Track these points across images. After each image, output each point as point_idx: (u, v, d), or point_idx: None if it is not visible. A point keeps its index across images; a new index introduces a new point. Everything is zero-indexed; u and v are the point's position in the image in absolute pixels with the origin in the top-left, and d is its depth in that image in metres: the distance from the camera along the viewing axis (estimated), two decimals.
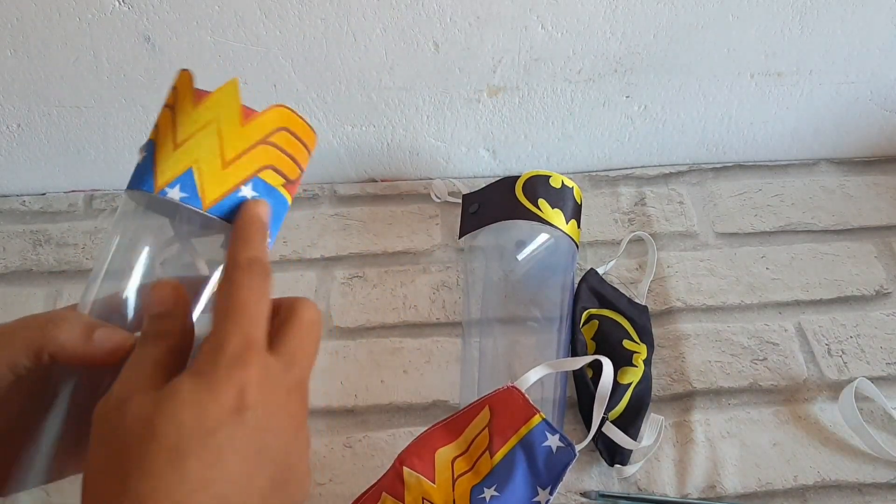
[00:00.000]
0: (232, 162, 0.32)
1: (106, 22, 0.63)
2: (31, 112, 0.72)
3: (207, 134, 0.31)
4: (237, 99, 0.32)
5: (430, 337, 0.68)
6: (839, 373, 0.66)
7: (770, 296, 0.71)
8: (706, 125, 0.80)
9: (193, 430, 0.26)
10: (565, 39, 0.68)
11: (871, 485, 0.59)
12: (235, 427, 0.27)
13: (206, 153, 0.31)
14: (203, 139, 0.31)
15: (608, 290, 0.69)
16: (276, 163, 0.33)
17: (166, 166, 0.31)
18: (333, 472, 0.60)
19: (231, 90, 0.32)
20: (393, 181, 0.82)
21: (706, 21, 0.68)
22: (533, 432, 0.55)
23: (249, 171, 0.32)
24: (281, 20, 0.64)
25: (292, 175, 0.34)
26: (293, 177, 0.34)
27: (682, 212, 0.79)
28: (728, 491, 0.59)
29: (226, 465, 0.26)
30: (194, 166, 0.31)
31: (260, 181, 0.32)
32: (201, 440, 0.26)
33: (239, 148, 0.32)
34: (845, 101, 0.78)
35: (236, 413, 0.27)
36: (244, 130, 0.32)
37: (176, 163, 0.31)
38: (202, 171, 0.31)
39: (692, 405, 0.64)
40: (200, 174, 0.31)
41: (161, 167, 0.31)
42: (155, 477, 0.25)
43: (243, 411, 0.27)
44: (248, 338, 0.28)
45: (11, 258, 0.74)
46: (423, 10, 0.64)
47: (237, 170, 0.32)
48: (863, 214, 0.78)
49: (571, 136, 0.79)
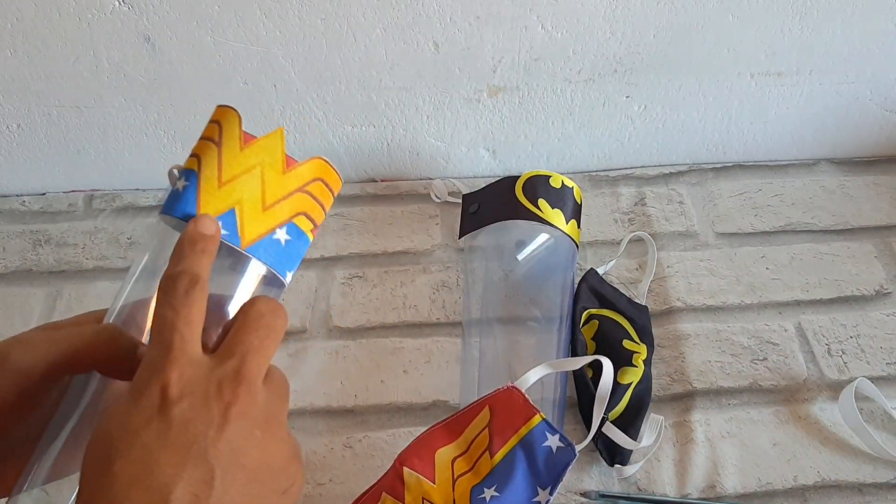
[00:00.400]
0: (271, 206, 0.34)
1: (106, 22, 0.63)
2: (31, 112, 0.72)
3: (251, 177, 0.34)
4: (282, 147, 0.35)
5: (430, 337, 0.68)
6: (839, 373, 0.66)
7: (770, 296, 0.71)
8: (706, 125, 0.80)
9: (120, 436, 0.28)
10: (565, 39, 0.68)
11: (871, 485, 0.59)
12: (161, 423, 0.28)
13: (249, 196, 0.34)
14: (247, 182, 0.34)
15: (608, 290, 0.69)
16: (308, 210, 0.36)
17: (210, 202, 0.34)
18: (333, 472, 0.60)
19: (277, 138, 0.35)
20: (393, 181, 0.82)
21: (706, 21, 0.68)
22: (533, 432, 0.55)
23: (286, 216, 0.35)
24: (281, 20, 0.64)
25: (319, 220, 0.37)
26: (319, 221, 0.37)
27: (682, 212, 0.79)
28: (728, 491, 0.59)
29: (158, 458, 0.28)
30: (237, 207, 0.34)
31: (293, 226, 0.35)
32: (128, 442, 0.28)
33: (279, 194, 0.35)
34: (845, 101, 0.78)
35: (160, 411, 0.28)
36: (285, 178, 0.35)
37: (220, 201, 0.34)
38: (244, 211, 0.34)
39: (692, 405, 0.64)
40: (242, 215, 0.34)
41: (204, 202, 0.34)
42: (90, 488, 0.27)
43: (167, 408, 0.28)
44: (166, 345, 0.30)
45: (11, 258, 0.74)
46: (423, 10, 0.64)
47: (275, 214, 0.35)
48: (863, 214, 0.78)
49: (571, 136, 0.79)
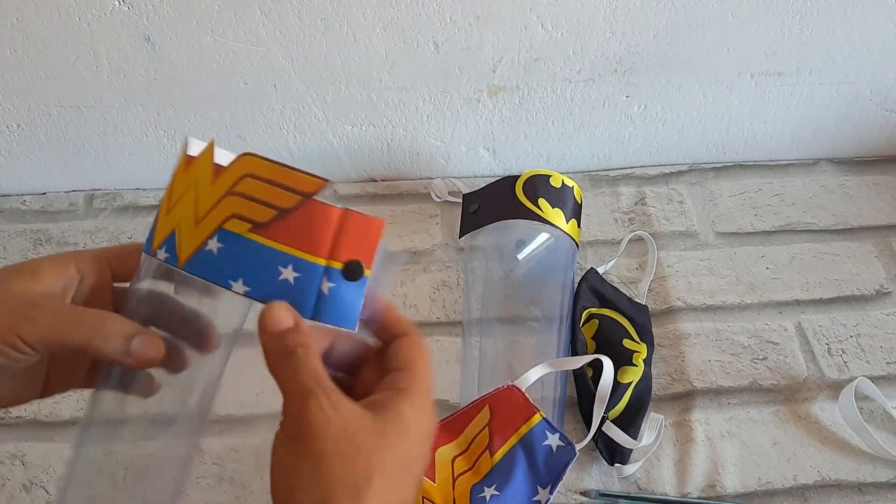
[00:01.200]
0: (202, 219, 0.34)
1: (106, 22, 0.63)
2: (31, 112, 0.72)
3: (188, 197, 0.34)
4: (210, 159, 0.34)
5: (431, 336, 0.68)
6: (839, 372, 0.66)
7: (770, 295, 0.71)
8: (706, 125, 0.80)
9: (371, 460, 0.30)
10: (565, 39, 0.68)
11: (871, 484, 0.59)
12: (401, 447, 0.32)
13: (185, 215, 0.34)
14: (184, 202, 0.34)
15: (608, 289, 0.69)
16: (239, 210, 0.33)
17: (160, 230, 0.34)
18: None
19: (207, 152, 0.34)
20: (393, 181, 0.82)
21: (706, 21, 0.68)
22: (533, 431, 0.55)
23: (214, 224, 0.33)
24: (281, 20, 0.64)
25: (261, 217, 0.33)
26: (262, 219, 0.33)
27: (682, 211, 0.79)
28: (728, 490, 0.59)
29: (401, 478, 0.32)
30: (176, 229, 0.34)
31: (225, 232, 0.33)
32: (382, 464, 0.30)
33: (208, 205, 0.34)
34: (845, 101, 0.78)
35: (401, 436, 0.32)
36: (213, 188, 0.34)
37: (164, 226, 0.34)
38: (181, 232, 0.34)
39: (692, 404, 0.64)
40: (179, 235, 0.34)
41: (157, 231, 0.34)
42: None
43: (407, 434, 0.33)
44: None
45: (12, 257, 0.74)
46: (423, 10, 0.64)
47: (205, 226, 0.33)
48: (863, 214, 0.78)
49: (571, 136, 0.79)
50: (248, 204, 0.33)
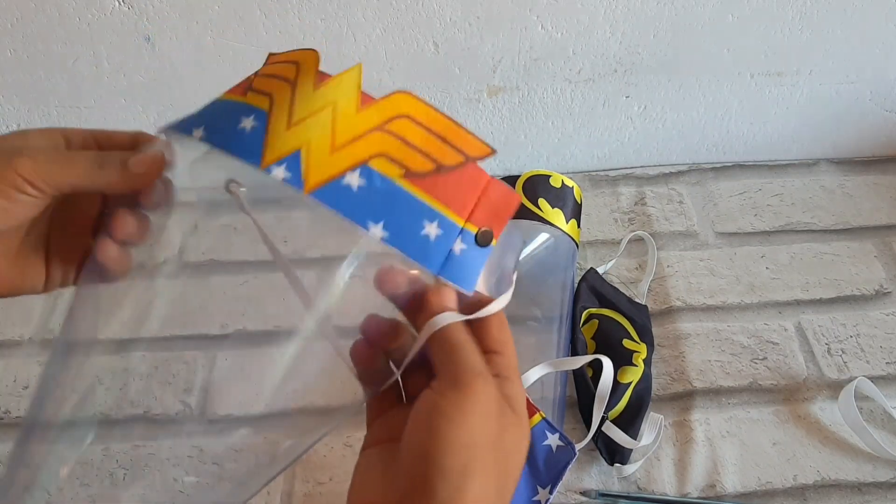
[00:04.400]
0: (341, 148, 0.31)
1: (106, 22, 0.63)
2: (31, 112, 0.72)
3: (322, 118, 0.31)
4: (357, 84, 0.31)
5: None
6: (839, 372, 0.66)
7: (770, 295, 0.71)
8: (706, 125, 0.80)
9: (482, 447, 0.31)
10: (565, 39, 0.68)
11: (871, 484, 0.59)
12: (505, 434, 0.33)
13: (317, 137, 0.31)
14: (316, 122, 0.31)
15: (608, 289, 0.69)
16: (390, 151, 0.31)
17: (276, 145, 0.31)
18: (333, 472, 0.60)
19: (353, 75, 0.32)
20: None
21: (706, 21, 0.68)
22: (533, 431, 0.55)
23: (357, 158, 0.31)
24: (281, 20, 0.64)
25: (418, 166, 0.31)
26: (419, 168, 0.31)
27: (682, 211, 0.79)
28: (728, 490, 0.59)
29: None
30: (303, 148, 0.31)
31: (369, 170, 0.31)
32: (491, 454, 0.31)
33: (351, 134, 0.31)
34: (845, 101, 0.78)
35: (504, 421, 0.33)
36: (359, 116, 0.31)
37: (285, 143, 0.31)
38: (310, 153, 0.31)
39: (692, 404, 0.64)
40: (308, 157, 0.30)
41: (271, 145, 0.31)
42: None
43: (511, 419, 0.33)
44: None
45: None
46: (423, 10, 0.64)
47: (345, 156, 0.31)
48: (863, 214, 0.78)
49: (571, 136, 0.79)
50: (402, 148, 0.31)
